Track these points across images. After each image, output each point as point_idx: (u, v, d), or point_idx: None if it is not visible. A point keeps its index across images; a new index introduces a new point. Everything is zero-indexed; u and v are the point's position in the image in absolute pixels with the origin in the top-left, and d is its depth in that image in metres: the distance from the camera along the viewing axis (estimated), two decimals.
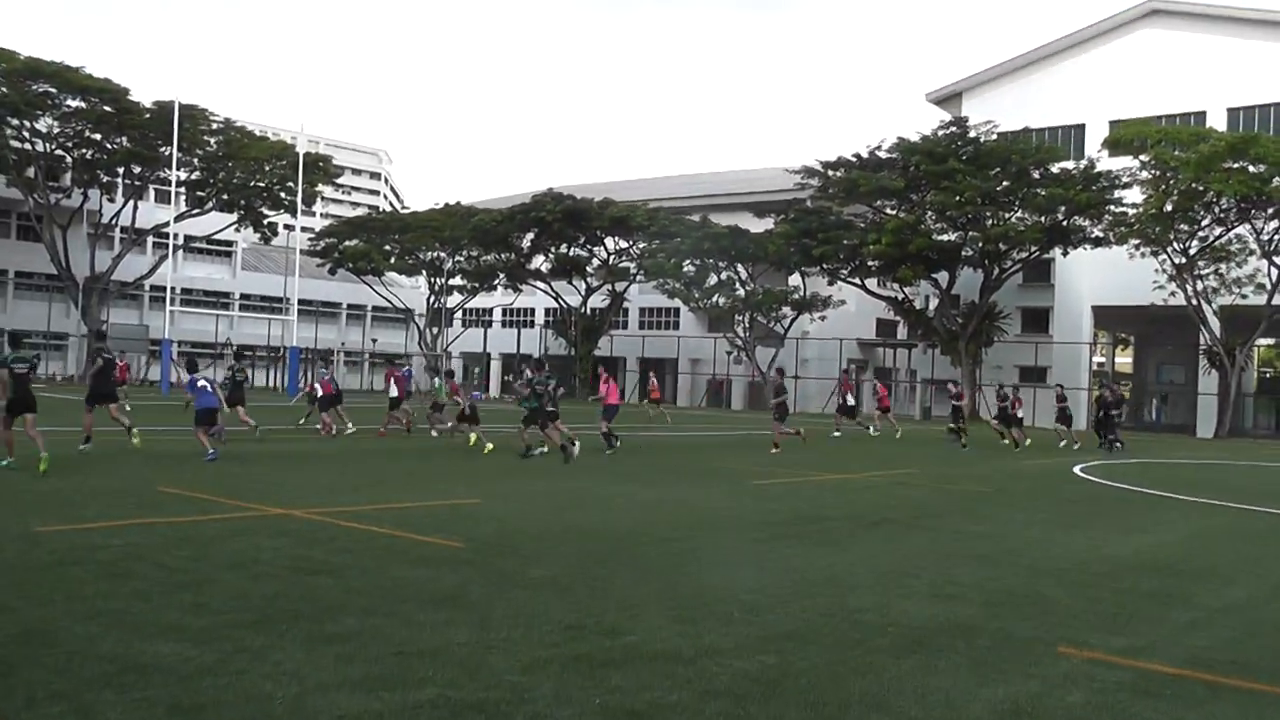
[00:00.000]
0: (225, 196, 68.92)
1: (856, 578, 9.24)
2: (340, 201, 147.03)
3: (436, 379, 28.31)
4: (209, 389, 18.96)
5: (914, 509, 14.92)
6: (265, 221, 71.39)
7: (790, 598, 8.26)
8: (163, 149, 60.63)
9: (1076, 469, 24.67)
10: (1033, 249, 58.03)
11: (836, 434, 33.81)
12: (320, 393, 26.68)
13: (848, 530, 12.45)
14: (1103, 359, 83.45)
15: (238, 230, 75.59)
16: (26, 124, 60.94)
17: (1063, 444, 33.62)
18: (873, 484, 18.77)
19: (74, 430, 19.56)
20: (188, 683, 5.43)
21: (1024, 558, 10.84)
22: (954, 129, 58.63)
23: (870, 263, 60.14)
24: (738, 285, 67.84)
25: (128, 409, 21.16)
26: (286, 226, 73.61)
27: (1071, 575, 9.90)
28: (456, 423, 24.49)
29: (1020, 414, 34.97)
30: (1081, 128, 63.45)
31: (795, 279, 67.47)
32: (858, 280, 63.37)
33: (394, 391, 27.49)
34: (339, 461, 19.00)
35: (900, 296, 63.44)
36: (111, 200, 67.08)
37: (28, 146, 62.32)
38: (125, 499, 12.43)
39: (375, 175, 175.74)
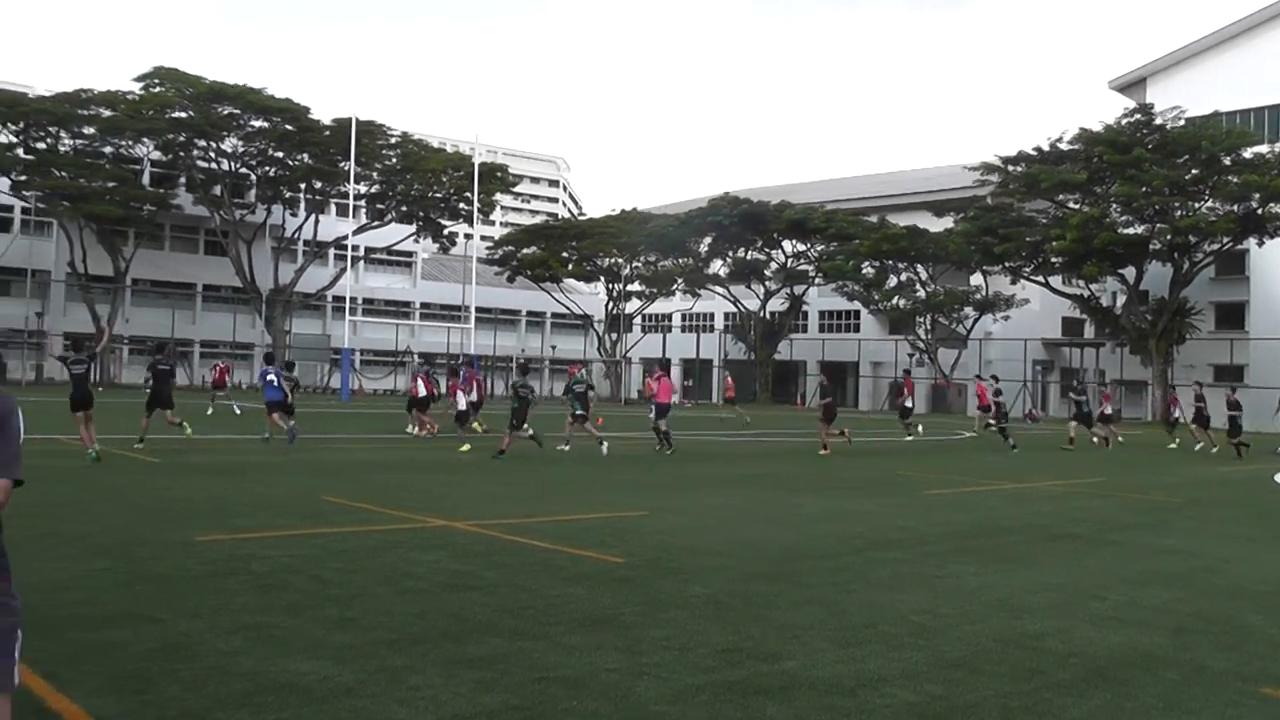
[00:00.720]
0: (404, 208, 70.78)
1: (1034, 599, 8.65)
2: (519, 210, 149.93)
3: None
4: (275, 383, 21.67)
5: (1097, 522, 14.11)
6: (444, 231, 73.02)
7: (962, 620, 7.75)
8: (342, 164, 62.47)
9: (1277, 477, 23.26)
10: (1225, 240, 55.54)
11: (930, 436, 33.52)
12: (423, 392, 26.81)
13: (1026, 545, 11.79)
14: None
15: (417, 240, 77.45)
16: (213, 145, 63.59)
17: (1198, 447, 32.12)
18: (1053, 494, 17.97)
19: (245, 437, 20.17)
20: (322, 705, 5.27)
21: (1218, 578, 10.04)
22: (1138, 116, 56.65)
23: (1054, 259, 58.65)
24: (918, 286, 66.90)
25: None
26: (465, 236, 75.11)
27: (1272, 599, 9.09)
28: (456, 424, 24.59)
29: (1177, 414, 35.10)
30: (1276, 109, 60.40)
31: (977, 278, 66.26)
32: (1041, 278, 61.74)
33: (474, 395, 27.68)
34: (504, 470, 19.00)
35: (1086, 294, 61.45)
36: (294, 215, 69.45)
37: (214, 166, 65.03)
38: (289, 509, 12.57)
39: (554, 183, 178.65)
